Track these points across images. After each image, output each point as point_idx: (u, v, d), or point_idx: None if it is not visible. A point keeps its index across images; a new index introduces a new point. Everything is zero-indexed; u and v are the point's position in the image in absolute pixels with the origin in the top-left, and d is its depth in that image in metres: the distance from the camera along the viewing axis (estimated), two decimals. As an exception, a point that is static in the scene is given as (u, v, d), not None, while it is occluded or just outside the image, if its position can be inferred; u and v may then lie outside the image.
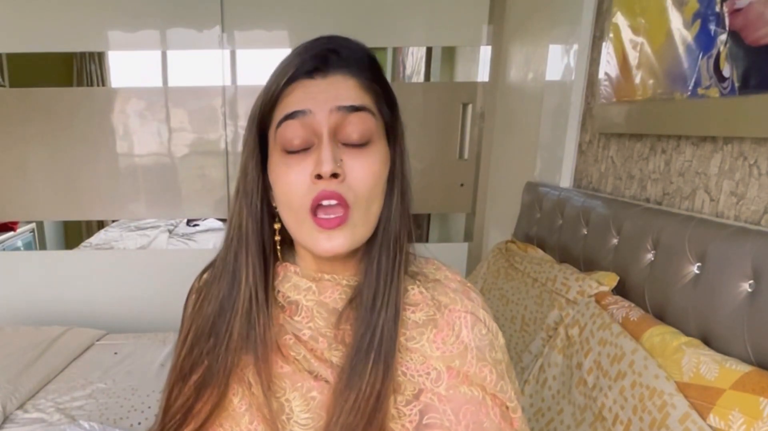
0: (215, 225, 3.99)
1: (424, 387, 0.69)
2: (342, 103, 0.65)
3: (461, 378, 0.70)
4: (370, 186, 0.67)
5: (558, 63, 1.89)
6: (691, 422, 0.88)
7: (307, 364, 0.72)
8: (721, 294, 0.99)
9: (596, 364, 1.16)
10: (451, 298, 0.72)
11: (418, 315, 0.71)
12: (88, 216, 3.29)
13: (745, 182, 1.09)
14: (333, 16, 2.55)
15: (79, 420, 1.67)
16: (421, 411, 0.69)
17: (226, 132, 2.68)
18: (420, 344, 0.70)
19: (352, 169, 0.65)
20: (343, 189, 0.65)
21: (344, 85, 0.66)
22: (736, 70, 1.08)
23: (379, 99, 0.69)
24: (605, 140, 1.63)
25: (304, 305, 0.73)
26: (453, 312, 0.71)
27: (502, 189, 2.47)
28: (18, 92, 2.71)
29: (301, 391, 0.72)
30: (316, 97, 0.66)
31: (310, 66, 0.67)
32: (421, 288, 0.72)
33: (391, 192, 0.70)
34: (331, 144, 0.65)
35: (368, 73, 0.69)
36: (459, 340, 0.70)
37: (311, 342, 0.72)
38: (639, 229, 1.27)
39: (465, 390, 0.69)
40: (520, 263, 1.72)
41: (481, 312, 0.72)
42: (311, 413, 0.71)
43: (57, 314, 2.70)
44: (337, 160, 0.64)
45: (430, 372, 0.69)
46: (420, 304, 0.71)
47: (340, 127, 0.65)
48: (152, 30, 2.56)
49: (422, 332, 0.70)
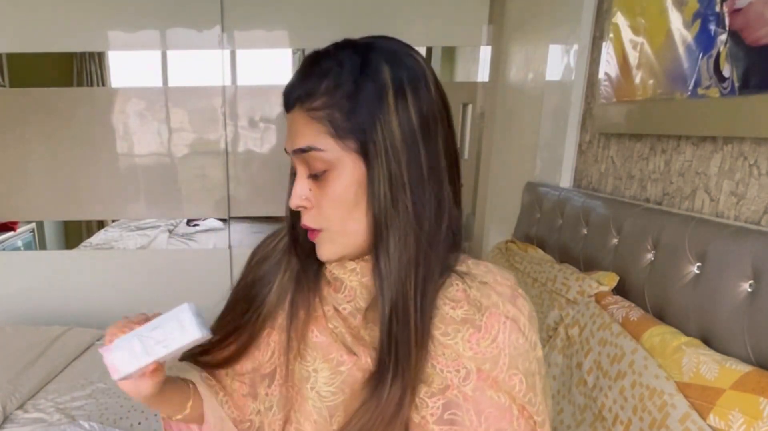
0: (215, 225, 3.98)
1: (451, 383, 0.70)
2: (295, 146, 0.70)
3: (490, 382, 0.70)
4: (333, 211, 0.71)
5: (558, 63, 1.89)
6: (691, 422, 0.88)
7: (342, 338, 0.76)
8: (721, 294, 0.99)
9: (596, 364, 1.16)
10: (494, 302, 0.71)
11: (458, 313, 0.71)
12: (88, 217, 3.29)
13: (745, 182, 1.09)
14: (333, 16, 2.56)
15: (79, 420, 1.68)
16: (444, 405, 0.69)
17: (226, 132, 2.68)
18: (454, 341, 0.70)
19: (317, 197, 0.71)
20: (311, 216, 0.72)
21: (299, 122, 0.70)
22: (736, 70, 1.08)
23: (340, 125, 0.68)
24: (605, 140, 1.63)
25: (348, 285, 0.76)
26: (493, 315, 0.70)
27: (502, 189, 2.47)
28: (18, 92, 2.72)
29: (332, 364, 0.76)
30: (288, 136, 0.72)
31: (284, 99, 0.72)
32: (465, 286, 0.72)
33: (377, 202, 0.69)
34: (302, 178, 0.71)
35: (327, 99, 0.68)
36: (494, 344, 0.69)
37: (350, 318, 0.76)
38: (639, 229, 1.27)
39: (491, 395, 0.69)
40: (520, 263, 1.72)
41: (522, 321, 0.71)
42: (335, 387, 0.75)
43: (57, 314, 2.70)
44: (305, 192, 0.71)
45: (460, 370, 0.70)
46: (461, 301, 0.71)
47: (304, 162, 0.71)
48: (152, 30, 2.57)
49: (458, 330, 0.70)
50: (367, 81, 0.67)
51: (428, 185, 0.69)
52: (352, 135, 0.68)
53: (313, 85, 0.68)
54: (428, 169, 0.69)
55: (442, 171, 0.71)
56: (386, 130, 0.67)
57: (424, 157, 0.69)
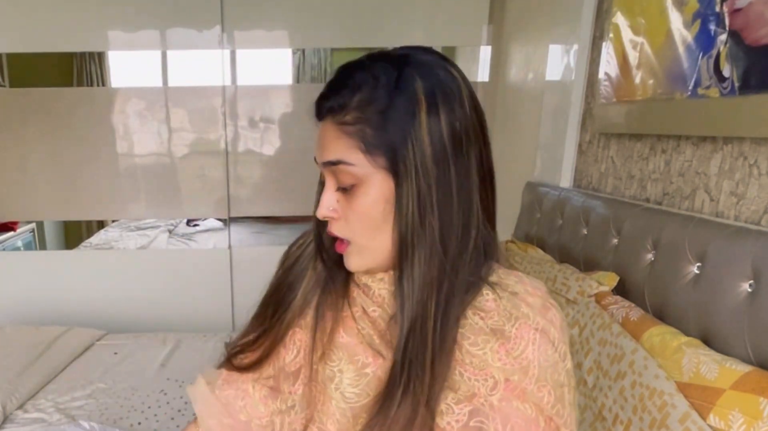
0: (215, 225, 3.99)
1: (478, 392, 0.69)
2: (325, 158, 0.70)
3: (518, 392, 0.69)
4: (360, 225, 0.71)
5: (558, 63, 1.89)
6: (691, 422, 0.88)
7: (369, 339, 0.76)
8: (721, 294, 0.99)
9: (596, 364, 1.16)
10: (524, 313, 0.70)
11: (487, 323, 0.70)
12: (88, 217, 3.29)
13: (745, 182, 1.09)
14: (333, 16, 2.56)
15: (79, 420, 1.67)
16: (471, 412, 0.69)
17: (226, 132, 2.68)
18: (483, 351, 0.69)
19: (345, 209, 0.71)
20: (340, 226, 0.72)
21: (329, 135, 0.70)
22: (736, 70, 1.08)
23: (371, 141, 0.67)
24: (605, 140, 1.63)
25: (377, 292, 0.77)
26: (523, 327, 0.69)
27: (502, 189, 2.44)
28: (18, 92, 2.72)
29: (357, 365, 0.76)
30: (317, 146, 0.72)
31: (317, 108, 0.72)
32: (495, 296, 0.71)
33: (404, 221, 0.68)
34: (330, 189, 0.71)
35: (359, 114, 0.67)
36: (523, 356, 0.69)
37: (378, 320, 0.76)
38: (639, 229, 1.27)
39: (518, 405, 0.69)
40: (520, 263, 1.72)
41: (553, 332, 0.70)
42: (359, 389, 0.75)
43: (57, 314, 2.70)
44: (333, 203, 0.71)
45: (488, 379, 0.69)
46: (491, 312, 0.70)
47: (333, 174, 0.71)
48: (152, 30, 2.57)
49: (487, 340, 0.69)
50: (401, 96, 0.66)
51: (456, 204, 0.69)
52: (383, 152, 0.67)
53: (346, 98, 0.68)
54: (457, 188, 0.68)
55: (472, 190, 0.70)
56: (417, 148, 0.66)
57: (454, 175, 0.68)
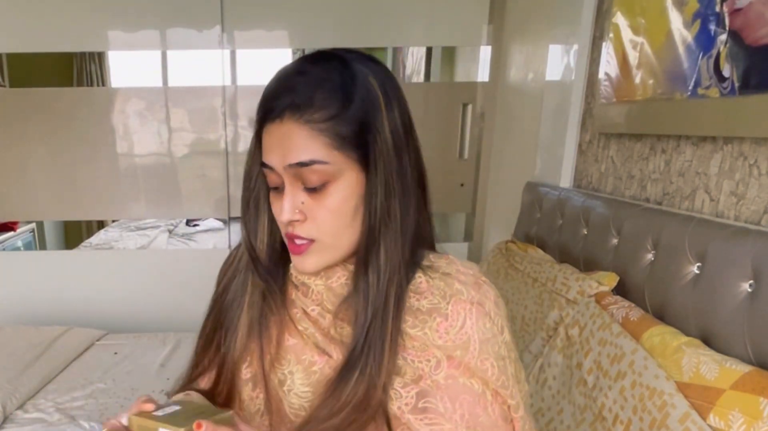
0: (215, 225, 3.98)
1: (423, 373, 0.71)
2: (292, 160, 0.68)
3: (462, 369, 0.71)
4: (331, 223, 0.70)
5: (558, 63, 1.89)
6: (691, 422, 0.88)
7: (313, 338, 0.77)
8: (721, 294, 0.99)
9: (596, 364, 1.16)
10: (457, 289, 0.72)
11: (422, 303, 0.72)
12: (88, 217, 3.29)
13: (745, 182, 1.09)
14: (333, 16, 2.55)
15: (79, 420, 1.68)
16: (418, 394, 0.71)
17: (226, 132, 2.68)
18: (423, 332, 0.71)
19: (312, 209, 0.70)
20: (305, 228, 0.70)
21: (296, 136, 0.67)
22: (736, 70, 1.08)
23: (343, 136, 0.67)
24: (605, 140, 1.63)
25: (314, 289, 0.77)
26: (458, 302, 0.71)
27: (502, 189, 2.47)
28: (18, 92, 2.72)
29: (304, 364, 0.77)
30: (275, 149, 0.69)
31: (269, 109, 0.69)
32: (427, 277, 0.73)
33: (373, 212, 0.70)
34: (291, 193, 0.69)
35: (327, 111, 0.66)
36: (462, 331, 0.71)
37: (319, 319, 0.77)
38: (639, 229, 1.27)
39: (464, 381, 0.71)
40: (520, 263, 1.72)
41: (488, 305, 0.72)
42: (311, 387, 0.76)
43: (57, 314, 2.70)
44: (297, 204, 0.69)
45: (430, 359, 0.71)
46: (425, 293, 0.73)
47: (297, 175, 0.69)
48: (152, 30, 2.56)
49: (425, 320, 0.71)
50: (360, 92, 0.68)
51: (411, 191, 0.72)
52: (355, 146, 0.68)
53: (306, 96, 0.67)
54: (411, 175, 0.71)
55: (420, 175, 0.74)
56: (381, 140, 0.68)
57: (407, 162, 0.71)
